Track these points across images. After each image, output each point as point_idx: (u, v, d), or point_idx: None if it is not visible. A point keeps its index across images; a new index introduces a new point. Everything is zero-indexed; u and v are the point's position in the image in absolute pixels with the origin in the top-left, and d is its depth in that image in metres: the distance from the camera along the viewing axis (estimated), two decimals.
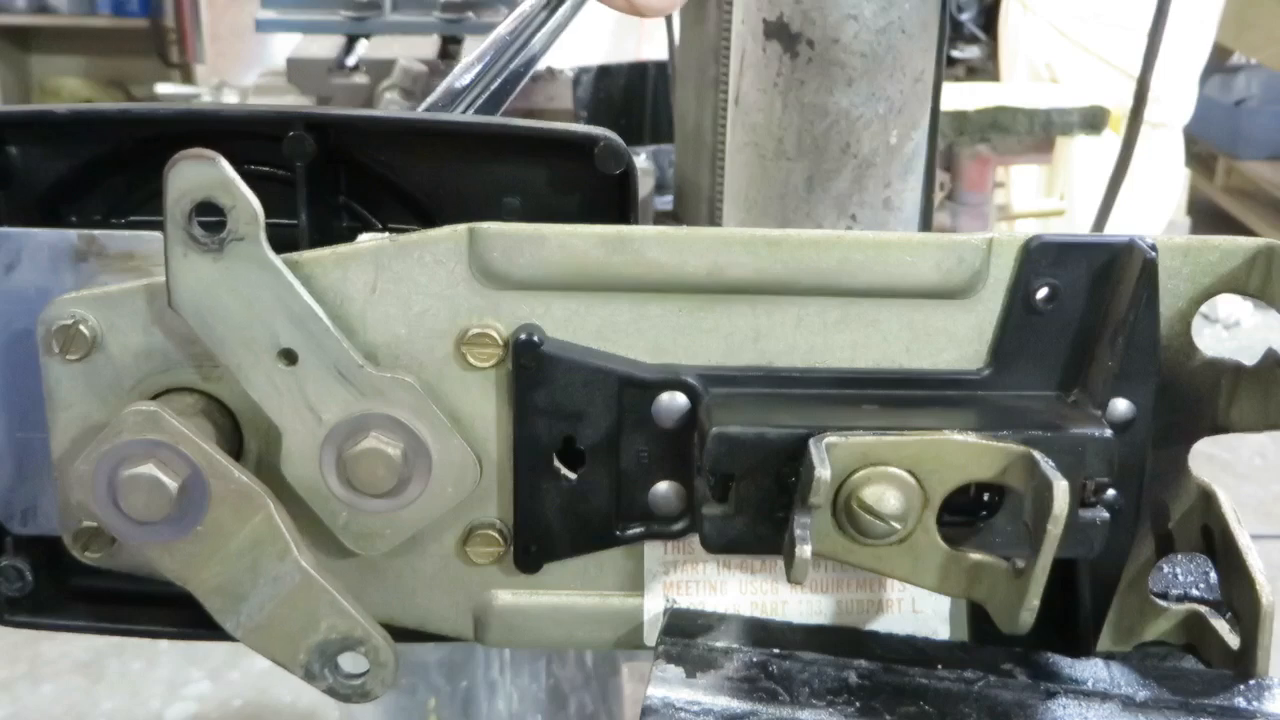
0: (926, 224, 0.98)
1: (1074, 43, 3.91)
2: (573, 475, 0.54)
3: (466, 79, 0.66)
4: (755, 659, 0.52)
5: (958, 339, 0.53)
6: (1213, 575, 0.56)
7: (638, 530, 0.54)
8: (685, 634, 0.54)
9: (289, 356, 0.50)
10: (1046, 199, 4.06)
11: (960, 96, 3.22)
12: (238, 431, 0.53)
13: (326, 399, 0.51)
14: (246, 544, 0.50)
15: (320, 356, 0.50)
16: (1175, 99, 3.88)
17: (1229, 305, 4.34)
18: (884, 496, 0.48)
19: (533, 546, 0.55)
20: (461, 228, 0.51)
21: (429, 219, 0.58)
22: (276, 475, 0.52)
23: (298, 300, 0.50)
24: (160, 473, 0.48)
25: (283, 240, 0.54)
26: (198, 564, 0.50)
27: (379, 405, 0.51)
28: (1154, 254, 0.51)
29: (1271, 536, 2.52)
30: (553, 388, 0.52)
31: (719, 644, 0.53)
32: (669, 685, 0.50)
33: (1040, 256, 0.52)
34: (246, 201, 0.48)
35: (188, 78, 5.24)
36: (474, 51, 0.68)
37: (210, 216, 0.48)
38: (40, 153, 0.57)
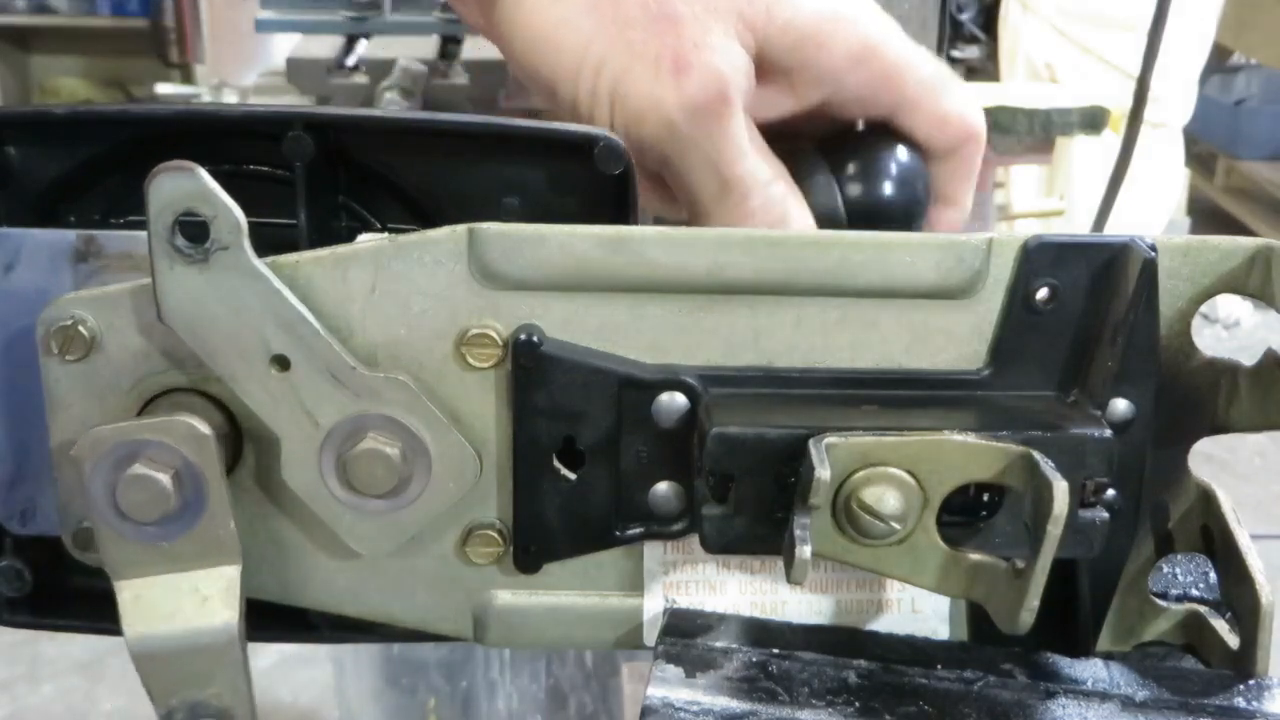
0: None
1: (1074, 43, 3.91)
2: (572, 475, 0.54)
3: None
4: (755, 659, 0.52)
5: (957, 339, 0.53)
6: (1212, 575, 0.57)
7: (637, 530, 0.54)
8: (685, 634, 0.54)
9: (282, 363, 0.50)
10: (1046, 199, 4.06)
11: None
12: (236, 433, 0.53)
13: (322, 403, 0.51)
14: (198, 585, 0.50)
15: (312, 360, 0.50)
16: (1175, 99, 3.88)
17: (1229, 305, 4.34)
18: (884, 497, 0.48)
19: (532, 546, 0.55)
20: (461, 228, 0.51)
21: (428, 219, 0.58)
22: (275, 479, 0.52)
23: (286, 305, 0.50)
24: (170, 485, 0.49)
25: (282, 240, 0.54)
26: (135, 570, 0.50)
27: (375, 406, 0.51)
28: (1153, 254, 0.51)
29: (1271, 536, 2.52)
30: (552, 388, 0.52)
31: (718, 644, 0.53)
32: (668, 685, 0.50)
33: (1040, 256, 0.52)
34: (228, 210, 0.48)
35: (188, 78, 5.24)
36: None
37: (193, 227, 0.48)
38: (39, 152, 0.57)
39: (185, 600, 0.50)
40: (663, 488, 0.54)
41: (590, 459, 0.53)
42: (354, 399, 0.51)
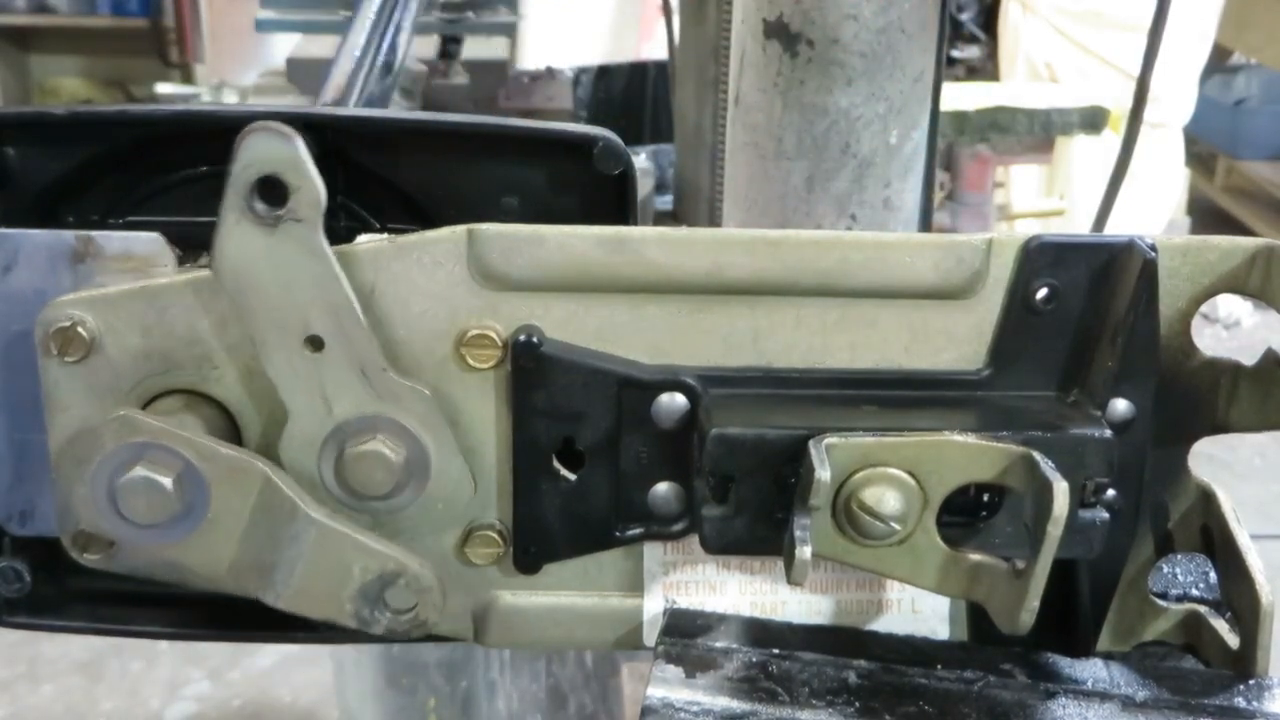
0: (926, 224, 0.98)
1: (1074, 43, 3.91)
2: (572, 476, 0.53)
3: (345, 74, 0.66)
4: (755, 659, 0.52)
5: (957, 339, 0.53)
6: (1212, 575, 0.56)
7: (637, 531, 0.54)
8: (685, 634, 0.54)
9: (315, 343, 0.50)
10: (1046, 199, 4.06)
11: (960, 96, 3.21)
12: (236, 433, 0.53)
13: (342, 392, 0.51)
14: (257, 515, 0.50)
15: (347, 350, 0.50)
16: (1175, 99, 3.88)
17: (1229, 305, 4.34)
18: (884, 497, 0.48)
19: (532, 547, 0.54)
20: (460, 229, 0.51)
21: (427, 219, 0.58)
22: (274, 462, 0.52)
23: (340, 292, 0.50)
24: (152, 472, 0.48)
25: None
26: (219, 550, 0.50)
27: (391, 410, 0.51)
28: (1153, 254, 0.51)
29: (1271, 536, 2.52)
30: (552, 389, 0.52)
31: (718, 644, 0.53)
32: (668, 685, 0.50)
33: (1040, 257, 0.52)
34: (313, 185, 0.48)
35: (188, 78, 5.23)
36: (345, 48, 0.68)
37: (272, 190, 0.48)
38: (38, 153, 0.57)
39: (259, 534, 0.50)
40: (662, 488, 0.54)
41: (590, 459, 0.53)
42: (374, 399, 0.51)
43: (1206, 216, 5.20)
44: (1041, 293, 0.52)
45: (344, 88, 0.65)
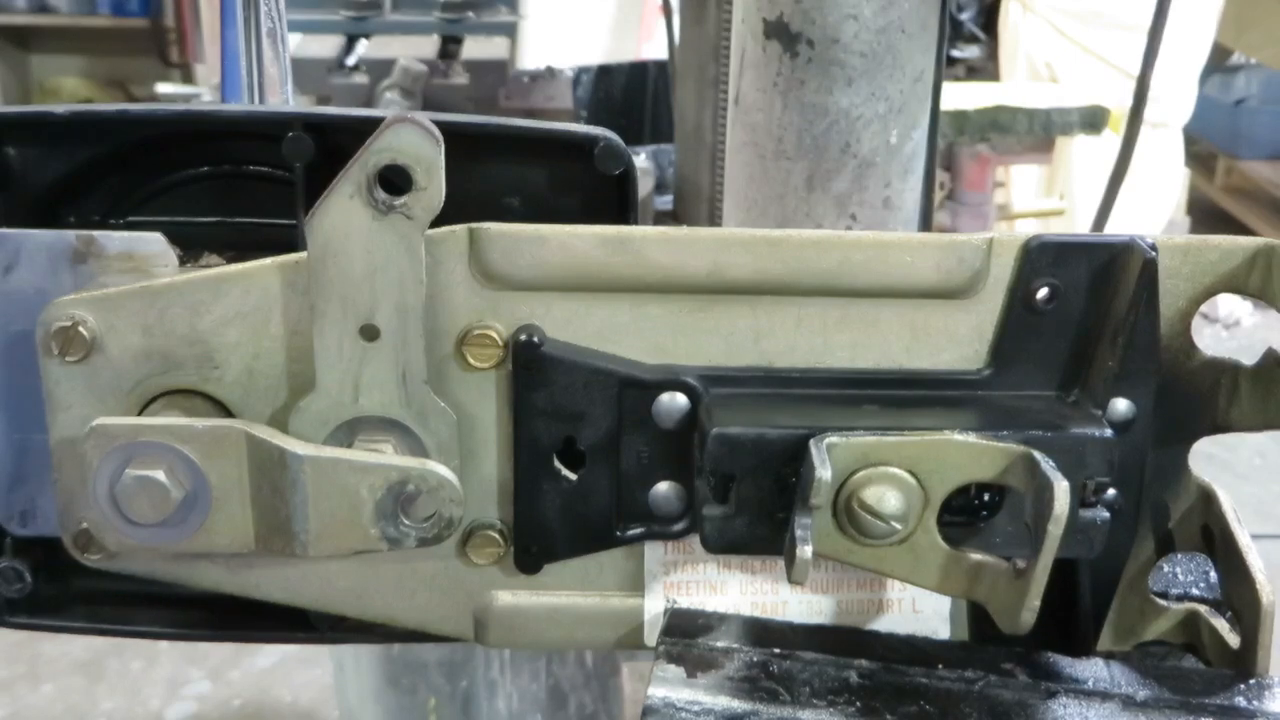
0: (926, 224, 0.98)
1: (1074, 43, 3.91)
2: (573, 476, 0.54)
3: None
4: (756, 659, 0.52)
5: (958, 339, 0.53)
6: (1213, 575, 0.57)
7: (638, 531, 0.54)
8: (686, 634, 0.54)
9: (370, 333, 0.50)
10: (1046, 199, 4.06)
11: (960, 96, 3.21)
12: None
13: (375, 388, 0.51)
14: (255, 476, 0.50)
15: (397, 350, 0.50)
16: (1175, 99, 3.88)
17: (1229, 305, 4.34)
18: (884, 497, 0.48)
19: (533, 547, 0.55)
20: (461, 228, 0.51)
21: None
22: None
23: (416, 296, 0.50)
24: (144, 470, 0.48)
25: (281, 240, 0.54)
26: (239, 524, 0.50)
27: (414, 422, 0.51)
28: (1154, 254, 0.51)
29: (1271, 536, 2.52)
30: (553, 388, 0.52)
31: (719, 644, 0.53)
32: (669, 685, 0.50)
33: (1040, 256, 0.52)
34: (438, 190, 0.48)
35: (188, 78, 5.23)
36: None
37: (394, 180, 0.48)
38: (39, 153, 0.57)
39: (264, 493, 0.50)
40: (663, 488, 0.54)
41: (591, 459, 0.53)
42: (403, 405, 0.51)
43: (1206, 216, 5.20)
44: (1042, 292, 0.52)
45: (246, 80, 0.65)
